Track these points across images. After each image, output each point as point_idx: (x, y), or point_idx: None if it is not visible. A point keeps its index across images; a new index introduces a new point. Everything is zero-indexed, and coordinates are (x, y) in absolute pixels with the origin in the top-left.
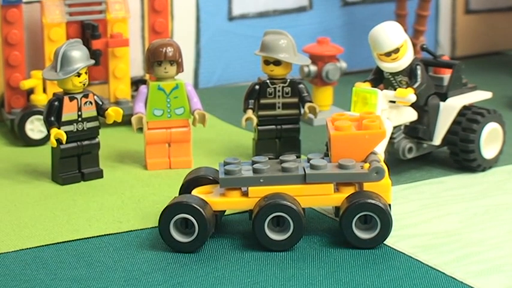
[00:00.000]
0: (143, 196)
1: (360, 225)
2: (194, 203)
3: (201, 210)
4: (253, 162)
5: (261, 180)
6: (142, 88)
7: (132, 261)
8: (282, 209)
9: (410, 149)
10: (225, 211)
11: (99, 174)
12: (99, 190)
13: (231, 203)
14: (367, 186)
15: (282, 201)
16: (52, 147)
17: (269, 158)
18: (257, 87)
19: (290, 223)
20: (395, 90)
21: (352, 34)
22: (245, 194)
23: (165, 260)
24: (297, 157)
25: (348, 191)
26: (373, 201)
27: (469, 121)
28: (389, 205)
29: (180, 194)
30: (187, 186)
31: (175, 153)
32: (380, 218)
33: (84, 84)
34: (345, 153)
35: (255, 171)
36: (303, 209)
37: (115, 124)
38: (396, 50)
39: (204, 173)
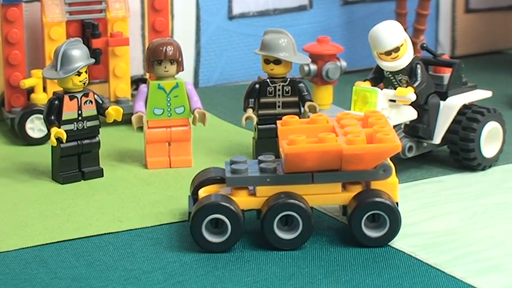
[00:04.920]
0: (143, 195)
1: (368, 223)
2: (226, 202)
3: (235, 210)
4: (260, 162)
5: (268, 180)
6: (143, 87)
7: (132, 260)
8: (292, 208)
9: (410, 148)
10: None
11: (99, 173)
12: (99, 189)
13: (239, 202)
14: (374, 184)
15: (291, 200)
16: (52, 146)
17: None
18: (257, 86)
19: (299, 222)
20: (395, 89)
21: (352, 33)
22: (252, 193)
23: (165, 259)
24: None
25: (355, 189)
26: (382, 200)
27: (469, 120)
28: (397, 203)
29: (192, 195)
30: (200, 188)
31: (176, 152)
32: (389, 216)
33: (84, 83)
34: (356, 166)
35: (261, 170)
36: (311, 207)
37: (115, 123)
38: (396, 49)
39: (215, 175)
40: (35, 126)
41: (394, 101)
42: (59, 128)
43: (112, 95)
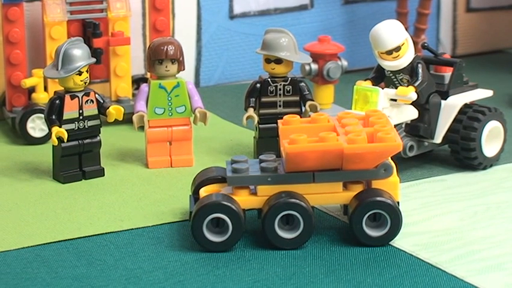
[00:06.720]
0: (144, 194)
1: (369, 223)
2: (227, 202)
3: (236, 209)
4: (261, 161)
5: (269, 179)
6: (144, 86)
7: (133, 259)
8: (293, 207)
9: (411, 147)
10: None
11: (100, 173)
12: (100, 188)
13: (240, 201)
14: (375, 184)
15: (292, 199)
16: (53, 146)
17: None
18: (258, 85)
19: (300, 221)
20: (396, 88)
21: (353, 32)
22: (253, 192)
23: (166, 259)
24: None
25: (357, 188)
26: (383, 199)
27: (470, 119)
28: (398, 202)
29: (193, 194)
30: (200, 188)
31: (177, 152)
32: (390, 215)
33: (85, 83)
34: (357, 165)
35: (262, 169)
36: (312, 207)
37: (116, 122)
38: (397, 48)
39: (216, 174)
40: (36, 126)
41: (395, 100)
42: (60, 127)
43: (113, 95)
